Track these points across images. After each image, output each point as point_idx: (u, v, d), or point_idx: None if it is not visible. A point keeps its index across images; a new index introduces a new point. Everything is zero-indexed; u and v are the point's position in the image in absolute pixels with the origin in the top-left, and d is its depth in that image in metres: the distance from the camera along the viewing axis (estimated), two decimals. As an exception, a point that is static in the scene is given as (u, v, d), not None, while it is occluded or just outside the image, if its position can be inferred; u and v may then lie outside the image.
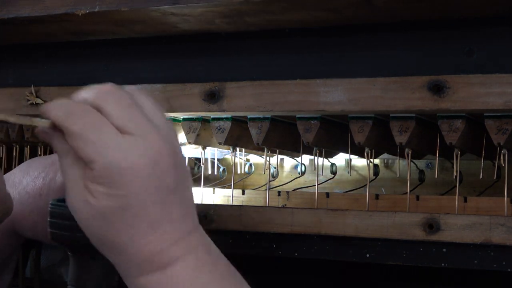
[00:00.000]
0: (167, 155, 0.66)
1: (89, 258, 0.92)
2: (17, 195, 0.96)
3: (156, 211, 0.66)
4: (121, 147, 0.64)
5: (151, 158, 0.65)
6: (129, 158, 0.64)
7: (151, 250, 0.66)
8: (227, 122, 1.00)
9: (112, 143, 0.64)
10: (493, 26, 0.85)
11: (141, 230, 0.66)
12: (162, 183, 0.66)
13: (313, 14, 0.89)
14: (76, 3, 0.93)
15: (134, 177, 0.64)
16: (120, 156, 0.64)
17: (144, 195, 0.65)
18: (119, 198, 0.65)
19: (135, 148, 0.65)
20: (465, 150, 0.96)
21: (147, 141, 0.65)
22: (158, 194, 0.65)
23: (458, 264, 0.88)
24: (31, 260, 1.15)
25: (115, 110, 0.65)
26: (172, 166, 0.66)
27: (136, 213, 0.65)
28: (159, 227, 0.66)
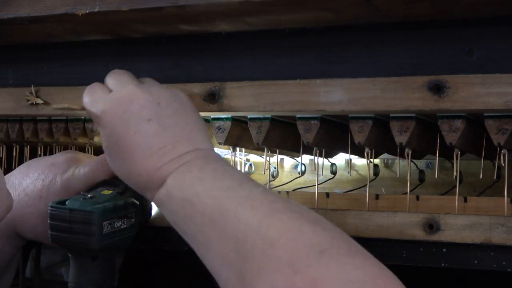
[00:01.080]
0: (143, 97, 0.85)
1: (89, 259, 0.92)
2: (17, 197, 0.97)
3: (141, 139, 0.83)
4: (104, 99, 0.87)
5: (124, 100, 0.85)
6: (107, 104, 0.86)
7: (148, 172, 0.83)
8: (227, 122, 1.00)
9: (100, 98, 0.87)
10: (493, 26, 0.85)
11: (135, 157, 0.83)
12: (139, 116, 0.84)
13: (313, 14, 0.89)
14: (76, 3, 0.93)
15: (111, 116, 0.85)
16: (102, 104, 0.86)
17: (124, 128, 0.84)
18: (108, 136, 0.85)
19: (113, 97, 0.86)
20: (465, 150, 0.96)
21: (122, 91, 0.86)
22: (137, 125, 0.84)
23: (458, 264, 0.88)
24: (31, 260, 1.15)
25: (109, 79, 0.90)
26: (151, 103, 0.85)
27: (125, 144, 0.84)
28: (150, 152, 0.83)
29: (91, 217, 0.88)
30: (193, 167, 0.82)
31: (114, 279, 0.96)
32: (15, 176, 0.99)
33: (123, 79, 0.88)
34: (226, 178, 0.80)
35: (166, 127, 0.84)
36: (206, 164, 0.82)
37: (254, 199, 0.76)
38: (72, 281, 0.93)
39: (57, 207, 0.90)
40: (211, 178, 0.80)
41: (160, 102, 0.85)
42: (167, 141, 0.83)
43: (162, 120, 0.84)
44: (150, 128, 0.83)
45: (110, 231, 0.90)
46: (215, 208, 0.77)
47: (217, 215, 0.76)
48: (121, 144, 0.84)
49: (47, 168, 0.98)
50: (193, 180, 0.80)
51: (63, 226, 0.89)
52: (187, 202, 0.79)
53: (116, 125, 0.84)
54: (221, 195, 0.77)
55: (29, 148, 1.18)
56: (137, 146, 0.83)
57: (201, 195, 0.78)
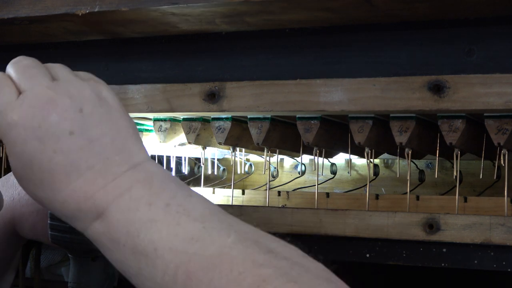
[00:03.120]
0: (61, 104, 0.66)
1: (89, 260, 0.92)
2: (17, 196, 0.96)
3: (63, 159, 0.66)
4: (11, 106, 0.66)
5: (40, 108, 0.66)
6: (16, 114, 0.66)
7: (77, 200, 0.66)
8: (227, 122, 1.00)
9: (5, 104, 0.67)
10: (493, 26, 0.85)
11: (57, 182, 0.66)
12: (59, 130, 0.66)
13: (313, 14, 0.89)
14: (76, 3, 0.93)
15: (23, 130, 0.66)
16: (9, 114, 0.66)
17: (40, 146, 0.66)
18: (19, 155, 0.67)
19: (23, 104, 0.66)
20: (465, 150, 0.96)
21: (36, 95, 0.67)
22: (57, 142, 0.66)
23: (458, 264, 0.88)
24: (31, 260, 1.15)
25: (15, 73, 0.70)
26: (72, 111, 0.66)
27: (42, 165, 0.66)
28: (77, 175, 0.66)
29: (91, 217, 0.88)
30: (139, 203, 0.66)
31: (114, 279, 0.96)
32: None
33: (34, 75, 0.70)
34: (184, 220, 0.65)
35: (92, 140, 0.67)
36: (153, 195, 0.66)
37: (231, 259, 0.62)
38: (72, 281, 0.93)
39: (57, 207, 0.90)
40: (165, 219, 0.65)
41: (83, 108, 0.67)
42: (96, 159, 0.67)
43: (87, 131, 0.67)
44: (73, 144, 0.66)
45: (110, 231, 0.90)
46: (181, 268, 0.62)
47: (186, 278, 0.62)
48: (37, 166, 0.66)
49: (47, 168, 0.97)
50: (143, 224, 0.65)
51: (63, 226, 0.89)
52: (141, 255, 0.64)
53: (29, 142, 0.66)
54: (186, 249, 0.63)
55: (29, 148, 1.18)
56: (58, 168, 0.66)
57: (159, 248, 0.64)
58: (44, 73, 0.70)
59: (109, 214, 0.66)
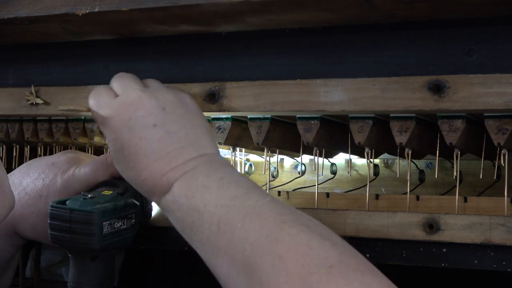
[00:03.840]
0: (148, 103, 0.85)
1: (89, 260, 0.92)
2: (17, 196, 0.96)
3: (146, 145, 0.83)
4: (110, 103, 0.86)
5: (130, 105, 0.85)
6: (113, 108, 0.86)
7: (153, 177, 0.83)
8: (227, 122, 1.00)
9: (106, 102, 0.87)
10: (493, 26, 0.85)
11: (140, 163, 0.84)
12: (145, 122, 0.84)
13: (313, 14, 0.89)
14: (76, 3, 0.93)
15: (117, 121, 0.85)
16: (108, 109, 0.86)
17: (129, 134, 0.84)
18: (114, 141, 0.85)
19: (119, 102, 0.86)
20: (465, 150, 0.96)
21: (128, 96, 0.86)
22: (143, 132, 0.84)
23: (458, 264, 0.88)
24: (31, 260, 1.15)
25: (114, 83, 0.90)
26: (157, 109, 0.85)
27: (130, 149, 0.84)
28: (155, 158, 0.83)
29: (91, 217, 0.88)
30: (200, 174, 0.81)
31: (114, 279, 0.97)
32: (15, 175, 0.99)
33: (129, 83, 0.88)
34: (232, 186, 0.79)
35: (171, 132, 0.84)
36: (212, 171, 0.82)
37: (261, 209, 0.76)
38: (72, 281, 0.93)
39: (58, 207, 0.90)
40: (217, 186, 0.80)
41: (166, 107, 0.85)
42: (173, 146, 0.83)
43: (167, 125, 0.84)
44: (155, 134, 0.83)
45: (110, 231, 0.90)
46: (222, 218, 0.76)
47: (225, 225, 0.76)
48: (127, 150, 0.84)
49: (48, 168, 0.98)
50: (199, 188, 0.80)
51: (63, 226, 0.89)
52: (194, 210, 0.79)
53: (122, 131, 0.84)
54: (228, 204, 0.77)
55: (29, 148, 1.18)
56: (142, 151, 0.83)
57: (208, 204, 0.78)
58: (137, 82, 0.89)
59: (175, 186, 0.82)
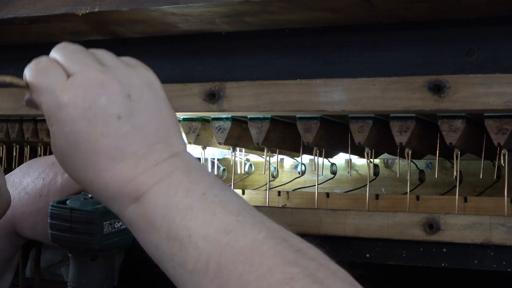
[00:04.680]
0: (111, 88, 0.68)
1: (89, 259, 0.92)
2: (17, 195, 0.96)
3: (109, 142, 0.68)
4: (62, 87, 0.68)
5: (90, 90, 0.68)
6: (67, 94, 0.68)
7: (118, 182, 0.68)
8: (227, 122, 1.00)
9: (55, 85, 0.68)
10: (493, 26, 0.85)
11: (101, 164, 0.68)
12: (108, 113, 0.68)
13: (313, 14, 0.89)
14: (76, 3, 0.93)
15: (73, 110, 0.67)
16: (60, 94, 0.68)
17: (88, 127, 0.68)
18: (67, 135, 0.68)
19: (74, 85, 0.68)
20: (465, 150, 0.96)
21: (86, 77, 0.68)
22: (106, 125, 0.68)
23: (458, 264, 0.88)
24: (31, 260, 1.15)
25: (62, 56, 0.70)
26: (121, 96, 0.68)
27: (89, 146, 0.68)
28: (121, 158, 0.68)
29: (91, 217, 0.88)
30: (178, 189, 0.68)
31: (114, 279, 0.96)
32: (15, 175, 0.99)
33: (84, 59, 0.71)
34: (219, 210, 0.66)
35: (138, 126, 0.69)
36: (190, 182, 0.68)
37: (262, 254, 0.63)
38: (72, 281, 0.93)
39: (58, 207, 0.90)
40: (201, 207, 0.67)
41: (131, 94, 0.70)
42: (140, 144, 0.69)
43: (133, 117, 0.69)
44: (120, 128, 0.68)
45: (111, 231, 0.90)
46: (213, 258, 0.64)
47: (217, 268, 0.64)
48: (83, 146, 0.68)
49: (48, 167, 0.98)
50: (180, 210, 0.67)
51: (63, 226, 0.89)
52: (175, 241, 0.66)
53: (78, 123, 0.68)
54: (220, 240, 0.64)
55: (29, 148, 1.18)
56: (103, 149, 0.68)
57: (194, 235, 0.65)
58: (92, 58, 0.71)
59: (147, 197, 0.67)
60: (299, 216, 0.94)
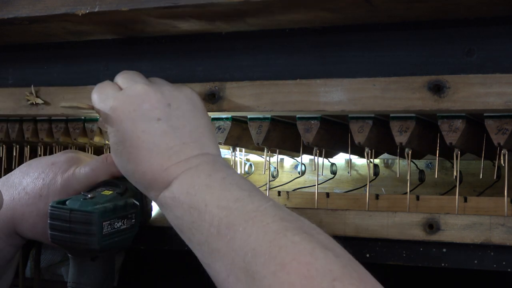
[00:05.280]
0: (154, 97, 0.84)
1: (89, 260, 0.92)
2: (17, 195, 0.97)
3: (148, 138, 0.82)
4: (114, 95, 0.86)
5: (135, 98, 0.85)
6: (117, 100, 0.85)
7: (153, 171, 0.82)
8: (227, 122, 1.00)
9: (109, 95, 0.86)
10: (493, 26, 0.85)
11: (141, 156, 0.82)
12: (149, 116, 0.83)
13: (313, 14, 0.89)
14: (76, 3, 0.93)
15: (121, 113, 0.84)
16: (112, 101, 0.85)
17: (132, 126, 0.83)
18: (116, 132, 0.84)
19: (123, 94, 0.86)
20: (465, 150, 0.96)
21: (133, 89, 0.86)
22: (146, 124, 0.83)
23: (458, 264, 0.88)
24: (31, 260, 1.15)
25: (119, 77, 0.89)
26: (162, 104, 0.84)
27: (132, 141, 0.83)
28: (157, 152, 0.82)
29: (91, 217, 0.88)
30: (201, 173, 0.80)
31: (114, 279, 0.96)
32: (15, 175, 0.99)
33: (134, 77, 0.88)
34: (234, 188, 0.78)
35: (175, 128, 0.83)
36: (214, 170, 0.81)
37: (264, 214, 0.74)
38: (72, 281, 0.93)
39: (58, 207, 0.90)
40: (219, 186, 0.78)
41: (171, 103, 0.85)
42: (175, 142, 0.82)
43: (171, 121, 0.83)
44: (159, 128, 0.83)
45: (110, 231, 0.90)
46: (224, 220, 0.75)
47: (226, 228, 0.74)
48: (128, 142, 0.83)
49: (48, 167, 0.98)
50: (201, 187, 0.79)
51: (63, 226, 0.89)
52: (194, 209, 0.78)
53: (124, 122, 0.83)
54: (230, 206, 0.76)
55: (29, 148, 1.18)
56: (143, 144, 0.82)
57: (209, 204, 0.77)
58: (143, 77, 0.89)
59: (176, 182, 0.81)
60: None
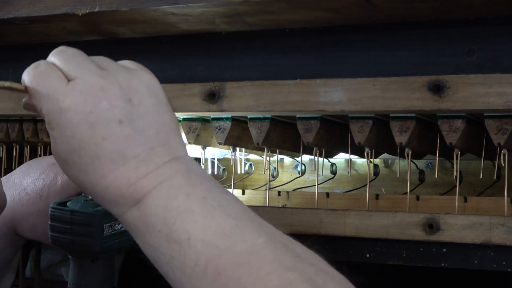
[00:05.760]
0: (112, 92, 0.69)
1: (89, 261, 0.92)
2: (17, 196, 0.96)
3: (111, 146, 0.68)
4: (62, 91, 0.68)
5: (92, 95, 0.68)
6: (68, 98, 0.68)
7: (119, 186, 0.68)
8: (227, 122, 1.00)
9: (55, 90, 0.69)
10: (493, 26, 0.85)
11: (102, 168, 0.68)
12: (109, 118, 0.68)
13: (313, 14, 0.89)
14: (76, 3, 0.93)
15: (74, 115, 0.68)
16: (60, 99, 0.68)
17: (90, 132, 0.68)
18: (68, 139, 0.69)
19: (75, 90, 0.68)
20: (465, 150, 0.96)
21: (87, 82, 0.69)
22: (106, 129, 0.68)
23: (458, 264, 0.88)
24: (31, 260, 1.15)
25: (61, 61, 0.70)
26: (122, 101, 0.69)
27: (90, 151, 0.68)
28: (122, 162, 0.68)
29: (92, 219, 0.88)
30: (178, 191, 0.68)
31: (114, 280, 0.96)
32: (15, 175, 0.99)
33: (83, 64, 0.71)
34: (218, 214, 0.67)
35: (139, 130, 0.69)
36: (191, 185, 0.69)
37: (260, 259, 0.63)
38: (72, 283, 0.93)
39: (58, 208, 0.90)
40: (201, 211, 0.67)
41: (132, 98, 0.70)
42: (141, 148, 0.69)
43: (134, 121, 0.69)
44: (121, 132, 0.69)
45: (111, 233, 0.90)
46: (211, 262, 0.64)
47: (215, 272, 0.64)
48: (85, 151, 0.69)
49: (48, 168, 0.98)
50: (180, 213, 0.67)
51: (63, 228, 0.89)
52: (175, 243, 0.66)
53: (80, 127, 0.68)
54: (218, 244, 0.65)
55: (29, 148, 1.18)
56: (105, 154, 0.68)
57: (193, 238, 0.66)
58: (91, 62, 0.71)
59: (147, 200, 0.68)
60: (299, 216, 0.94)
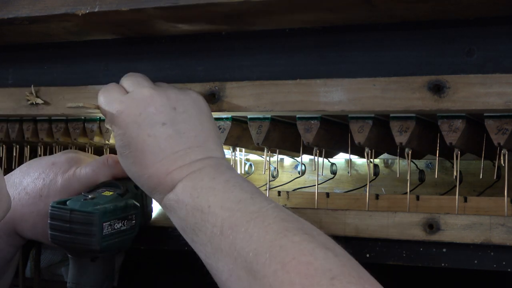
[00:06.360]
0: (159, 101, 0.86)
1: (88, 260, 0.92)
2: (17, 196, 0.97)
3: (153, 142, 0.84)
4: (120, 99, 0.87)
5: (141, 102, 0.86)
6: (123, 104, 0.86)
7: (158, 175, 0.83)
8: (227, 122, 1.00)
9: (116, 98, 0.87)
10: (493, 26, 0.85)
11: (146, 160, 0.84)
12: (154, 120, 0.84)
13: (313, 14, 0.89)
14: (76, 3, 0.93)
15: (126, 116, 0.85)
16: (118, 104, 0.87)
17: (138, 130, 0.84)
18: (122, 136, 0.85)
19: (130, 98, 0.87)
20: (465, 150, 0.96)
21: (139, 93, 0.87)
22: (151, 128, 0.84)
23: (458, 264, 0.88)
24: (31, 260, 1.15)
25: (125, 80, 0.90)
26: (167, 107, 0.85)
27: (137, 145, 0.84)
28: (162, 156, 0.83)
29: (91, 218, 0.88)
30: (205, 176, 0.82)
31: (114, 279, 0.96)
32: (16, 175, 0.99)
33: (140, 81, 0.89)
34: (237, 190, 0.80)
35: (180, 132, 0.84)
36: (217, 173, 0.82)
37: (265, 215, 0.76)
38: (71, 282, 0.93)
39: (58, 207, 0.90)
40: (222, 188, 0.80)
41: (176, 107, 0.86)
42: (180, 146, 0.83)
43: (176, 125, 0.85)
44: (164, 132, 0.84)
45: (110, 232, 0.90)
46: (226, 221, 0.77)
47: (228, 228, 0.76)
48: (134, 146, 0.84)
49: (48, 167, 0.98)
50: (204, 189, 0.80)
51: (63, 227, 0.89)
52: (198, 211, 0.79)
53: (130, 126, 0.85)
54: (233, 207, 0.77)
55: (29, 148, 1.18)
56: (149, 148, 0.83)
57: (212, 206, 0.79)
58: (148, 80, 0.90)
59: (179, 184, 0.82)
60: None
